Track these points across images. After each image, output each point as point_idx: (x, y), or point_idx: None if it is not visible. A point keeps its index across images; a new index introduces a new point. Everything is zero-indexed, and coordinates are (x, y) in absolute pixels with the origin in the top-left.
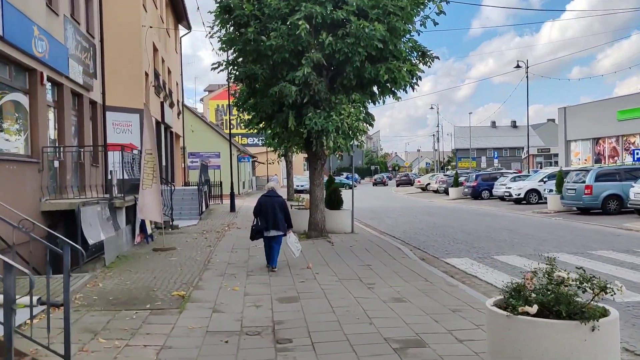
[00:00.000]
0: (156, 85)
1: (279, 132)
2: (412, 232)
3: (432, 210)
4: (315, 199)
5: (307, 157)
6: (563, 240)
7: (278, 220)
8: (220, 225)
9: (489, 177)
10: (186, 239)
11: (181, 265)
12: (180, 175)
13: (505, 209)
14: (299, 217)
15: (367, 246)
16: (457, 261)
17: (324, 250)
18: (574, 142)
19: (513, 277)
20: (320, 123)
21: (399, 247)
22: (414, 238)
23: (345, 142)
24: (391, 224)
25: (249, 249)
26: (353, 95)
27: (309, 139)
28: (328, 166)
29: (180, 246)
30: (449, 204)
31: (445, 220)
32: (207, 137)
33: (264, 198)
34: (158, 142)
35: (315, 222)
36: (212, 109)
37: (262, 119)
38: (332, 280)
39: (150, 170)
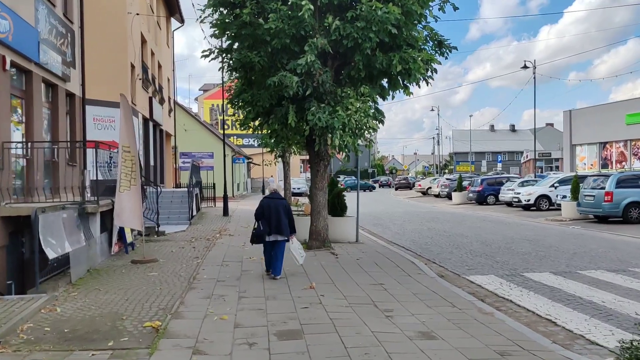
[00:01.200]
0: (144, 78)
1: (277, 130)
2: (422, 241)
3: (438, 216)
4: (317, 205)
5: (307, 158)
6: (595, 254)
7: (282, 224)
8: (211, 231)
9: (495, 181)
10: (171, 248)
11: (161, 282)
12: (171, 176)
13: (516, 215)
14: (298, 225)
15: (376, 259)
16: (482, 279)
17: (328, 264)
18: (579, 147)
19: (555, 302)
20: (325, 119)
21: (411, 260)
22: (425, 249)
23: (353, 141)
24: (398, 232)
25: (242, 261)
26: (361, 88)
27: (311, 137)
28: (329, 168)
29: (163, 257)
30: (453, 209)
31: (455, 228)
32: (201, 136)
33: (266, 200)
34: (145, 140)
35: (317, 231)
36: (207, 108)
37: (259, 115)
38: (341, 305)
39: (128, 170)
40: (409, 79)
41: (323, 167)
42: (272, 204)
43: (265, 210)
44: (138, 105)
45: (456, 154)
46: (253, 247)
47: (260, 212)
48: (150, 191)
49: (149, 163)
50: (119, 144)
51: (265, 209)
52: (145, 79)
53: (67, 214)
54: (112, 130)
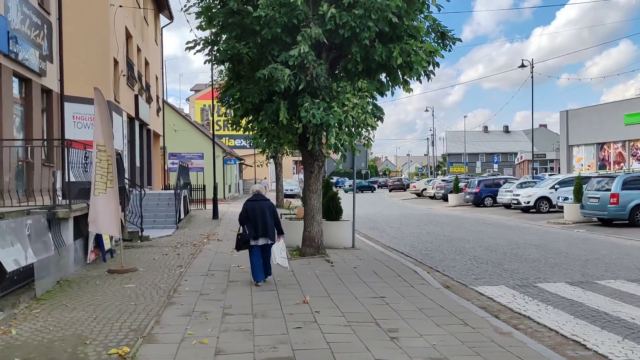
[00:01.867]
0: (129, 75)
1: (268, 128)
2: (421, 246)
3: (436, 219)
4: (311, 209)
5: (300, 158)
6: (609, 262)
7: (268, 226)
8: (199, 236)
9: (492, 183)
10: (154, 255)
11: (138, 296)
12: (159, 177)
13: (516, 218)
14: (290, 230)
15: (375, 267)
16: (492, 291)
17: (322, 273)
18: (576, 147)
19: (579, 319)
20: (319, 115)
21: (412, 268)
22: (426, 255)
23: (350, 140)
24: (395, 236)
25: (229, 270)
26: (359, 82)
27: (305, 135)
28: (323, 169)
29: (144, 266)
30: (450, 211)
31: (455, 231)
32: (191, 137)
33: (250, 203)
34: (131, 139)
35: (310, 237)
36: (198, 109)
37: (248, 112)
38: (339, 323)
39: (104, 171)
40: (410, 73)
41: (317, 167)
42: (256, 207)
43: (250, 214)
44: (122, 102)
45: (450, 155)
46: (241, 254)
47: (244, 216)
48: (135, 194)
49: (134, 164)
50: (94, 142)
51: (250, 212)
52: (131, 76)
53: (33, 220)
54: (92, 128)
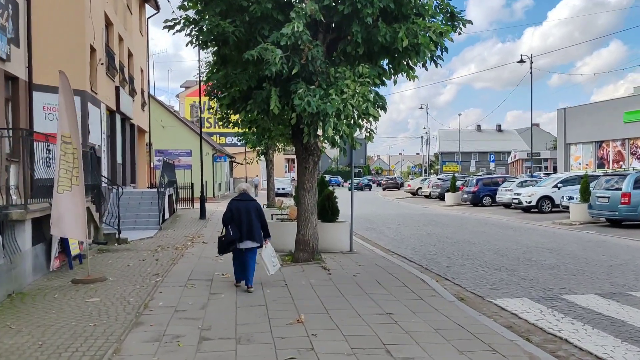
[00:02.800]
0: (108, 64)
1: (257, 119)
2: (425, 250)
3: (434, 219)
4: (305, 209)
5: (293, 156)
6: (635, 268)
7: (254, 228)
8: (183, 238)
9: (491, 182)
10: (130, 260)
11: (100, 314)
12: (144, 175)
13: (518, 218)
14: (281, 232)
15: (377, 275)
16: (514, 305)
17: (319, 282)
18: (573, 146)
19: (629, 344)
20: (315, 103)
21: (419, 276)
22: (432, 260)
23: (350, 132)
24: (394, 238)
25: (212, 279)
26: (359, 67)
27: (299, 126)
28: (318, 166)
29: (115, 274)
30: (448, 211)
31: (458, 232)
32: (179, 133)
33: (235, 203)
34: (112, 134)
35: (304, 241)
36: (188, 105)
37: (235, 101)
38: (342, 351)
39: (69, 165)
40: (417, 58)
41: (312, 163)
42: (242, 207)
43: (235, 214)
44: (100, 93)
45: (442, 154)
46: (227, 259)
47: (229, 216)
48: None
49: (115, 160)
50: (58, 133)
51: (235, 213)
52: (111, 66)
53: None
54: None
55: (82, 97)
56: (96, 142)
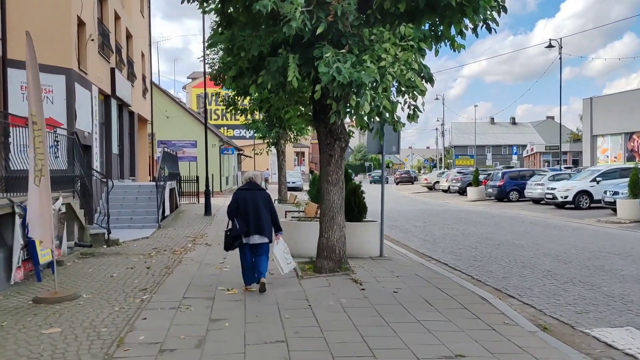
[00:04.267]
0: (101, 42)
1: (271, 97)
2: (466, 254)
3: (462, 216)
4: (329, 207)
5: (300, 149)
6: None
7: (263, 221)
8: (184, 238)
9: (518, 175)
10: (115, 269)
11: (54, 356)
12: (145, 168)
13: (555, 215)
14: (298, 234)
15: (422, 290)
16: (622, 339)
17: (351, 303)
18: (601, 138)
19: None
20: (347, 71)
21: (476, 292)
22: (480, 268)
23: (392, 107)
24: (425, 239)
25: (214, 298)
26: (402, 28)
27: (323, 102)
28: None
29: (92, 290)
30: (473, 206)
31: (496, 232)
32: (184, 124)
33: (241, 193)
34: (106, 120)
35: (329, 246)
36: (195, 96)
37: (243, 72)
38: None
39: (40, 153)
40: (474, 16)
41: (339, 150)
42: (248, 197)
43: (241, 205)
44: (91, 74)
45: (455, 147)
46: (234, 267)
47: (234, 208)
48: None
49: (110, 150)
50: (28, 111)
51: (241, 204)
52: (105, 45)
53: None
54: (48, 103)
55: (68, 76)
56: (85, 129)
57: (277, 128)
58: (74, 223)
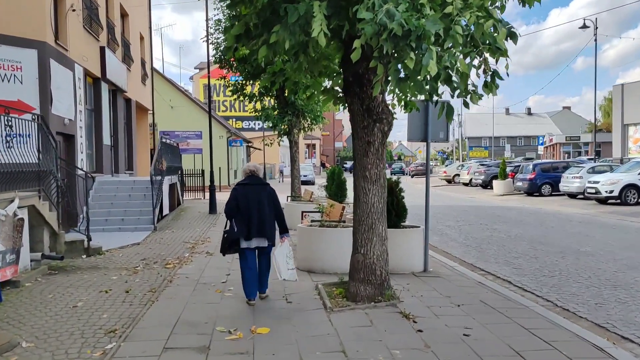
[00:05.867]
0: (86, 16)
1: (286, 68)
2: (529, 267)
3: (497, 213)
4: (367, 213)
5: (311, 141)
6: None
7: (265, 221)
8: (181, 244)
9: (551, 167)
10: (83, 294)
11: None
12: (146, 160)
13: (601, 211)
14: (322, 245)
15: (502, 331)
16: None
17: (408, 356)
18: (633, 127)
19: None
20: (403, 15)
21: (584, 336)
22: (559, 289)
23: (466, 67)
24: (466, 244)
25: (208, 348)
26: None
27: (358, 70)
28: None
29: (39, 331)
30: (502, 202)
31: (548, 235)
32: (189, 114)
33: (241, 189)
34: (96, 106)
35: (368, 266)
36: (202, 86)
37: (249, 30)
38: None
39: None
40: None
41: (380, 135)
42: (250, 193)
43: (241, 203)
44: (73, 50)
45: (469, 139)
46: (240, 287)
47: (233, 205)
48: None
49: (100, 141)
50: None
51: (241, 201)
52: (93, 20)
53: None
54: (16, 82)
55: (40, 51)
56: (66, 115)
57: (290, 115)
58: (43, 229)
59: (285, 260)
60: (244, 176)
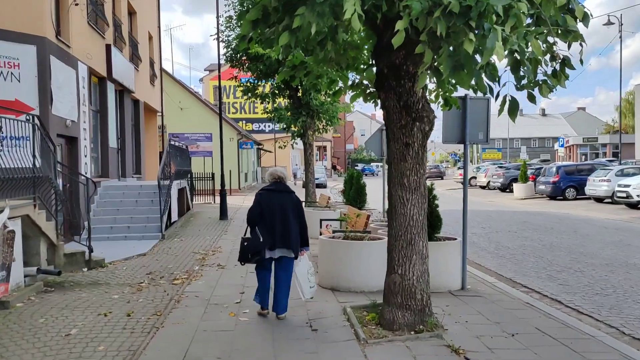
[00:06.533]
0: (91, 11)
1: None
2: (575, 282)
3: (523, 218)
4: (406, 228)
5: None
6: None
7: (291, 232)
8: (191, 255)
9: (575, 169)
10: (79, 317)
11: None
12: (155, 164)
13: (634, 217)
14: (348, 260)
15: None
16: None
17: None
18: None
19: None
20: None
21: None
22: (620, 310)
23: (539, 53)
24: (498, 254)
25: None
26: None
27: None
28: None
29: None
30: (526, 206)
31: (587, 244)
32: (199, 116)
33: (266, 195)
34: (101, 107)
35: (407, 289)
36: (212, 88)
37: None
38: None
39: None
40: None
41: (420, 136)
42: (275, 201)
43: (266, 210)
44: (76, 47)
45: None
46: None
47: (257, 212)
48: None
49: (106, 143)
50: None
51: (266, 208)
52: (98, 16)
53: None
54: (13, 81)
55: (40, 47)
56: (68, 117)
57: (304, 116)
58: (40, 241)
59: (307, 277)
60: (269, 181)
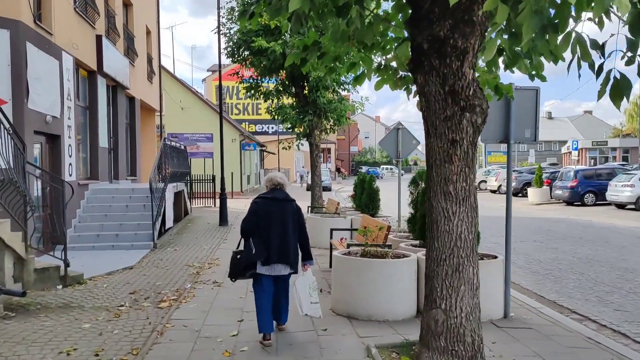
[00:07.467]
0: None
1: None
2: (631, 306)
3: (545, 226)
4: (451, 248)
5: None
6: None
7: (289, 244)
8: (184, 269)
9: (594, 174)
10: (36, 356)
11: None
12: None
13: None
14: (363, 281)
15: None
16: None
17: None
18: None
19: None
20: None
21: None
22: None
23: None
24: (534, 270)
25: None
26: None
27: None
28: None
29: None
30: (542, 211)
31: (628, 257)
32: (201, 116)
33: (263, 203)
34: (91, 103)
35: (454, 328)
36: (214, 88)
37: None
38: None
39: None
40: None
41: (471, 131)
42: (273, 210)
43: (262, 220)
44: (59, 35)
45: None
46: (255, 337)
47: (252, 222)
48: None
49: (95, 143)
50: None
51: (262, 218)
52: (88, 4)
53: None
54: None
55: (13, 32)
56: (49, 112)
57: (311, 115)
58: (4, 255)
59: (308, 292)
60: (267, 187)
